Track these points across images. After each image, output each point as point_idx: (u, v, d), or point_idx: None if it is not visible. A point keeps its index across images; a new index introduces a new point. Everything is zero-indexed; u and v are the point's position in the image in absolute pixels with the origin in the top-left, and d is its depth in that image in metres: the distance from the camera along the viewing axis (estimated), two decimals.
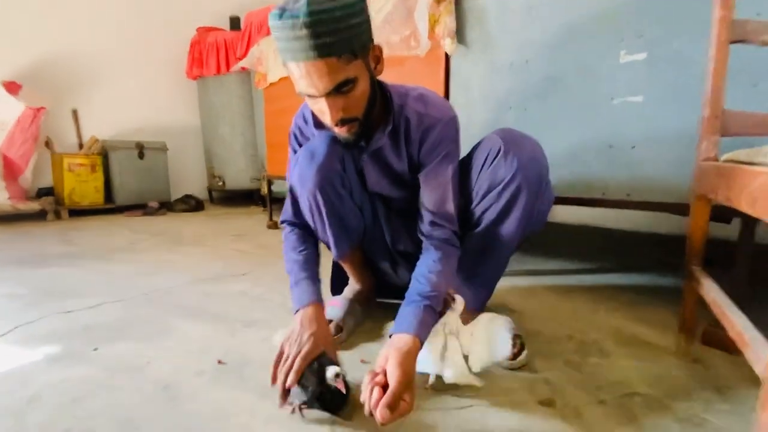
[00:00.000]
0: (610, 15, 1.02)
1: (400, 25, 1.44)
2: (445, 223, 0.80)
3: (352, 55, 0.64)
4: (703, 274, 0.74)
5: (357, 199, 0.88)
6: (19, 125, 2.64)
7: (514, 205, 0.78)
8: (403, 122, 0.79)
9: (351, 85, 0.66)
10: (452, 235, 0.81)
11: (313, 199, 0.82)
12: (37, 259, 1.67)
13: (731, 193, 0.56)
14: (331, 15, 0.59)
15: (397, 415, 0.56)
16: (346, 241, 0.90)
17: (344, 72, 0.64)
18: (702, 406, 0.68)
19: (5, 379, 0.76)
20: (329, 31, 0.60)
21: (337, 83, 0.64)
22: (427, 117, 0.78)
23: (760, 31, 0.72)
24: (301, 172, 0.81)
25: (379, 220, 0.95)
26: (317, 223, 0.86)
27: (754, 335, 0.49)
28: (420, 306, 0.70)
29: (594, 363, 0.82)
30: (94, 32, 3.21)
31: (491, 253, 0.86)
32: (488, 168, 0.79)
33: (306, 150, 0.81)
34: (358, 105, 0.70)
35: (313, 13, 0.58)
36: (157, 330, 0.98)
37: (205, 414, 0.66)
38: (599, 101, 1.06)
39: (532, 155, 0.77)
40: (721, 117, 0.73)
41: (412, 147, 0.81)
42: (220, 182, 3.49)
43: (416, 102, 0.79)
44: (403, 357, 0.61)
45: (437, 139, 0.79)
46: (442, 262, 0.76)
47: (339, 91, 0.65)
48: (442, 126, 0.78)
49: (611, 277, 1.40)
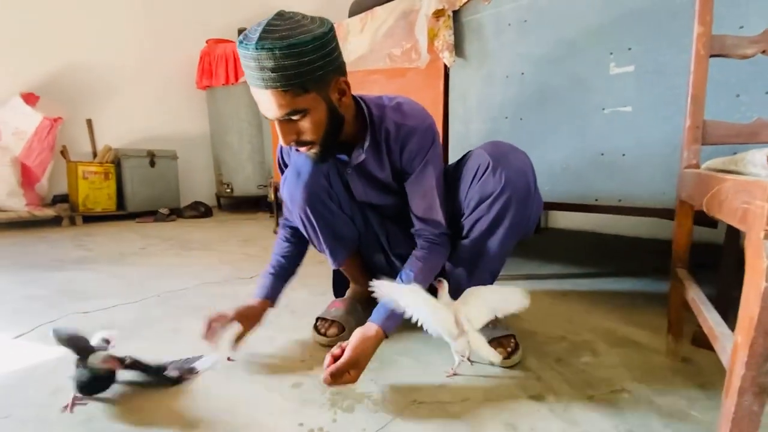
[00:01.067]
0: (600, 30, 1.07)
1: (401, 39, 1.50)
2: (432, 227, 0.85)
3: (301, 89, 0.66)
4: (687, 276, 0.78)
5: (347, 210, 0.93)
6: (36, 135, 2.74)
7: (504, 217, 0.80)
8: (383, 133, 0.82)
9: (300, 115, 0.69)
10: (440, 236, 0.86)
11: (305, 215, 0.88)
12: (54, 263, 1.74)
13: (705, 199, 0.60)
14: (278, 52, 0.62)
15: (339, 383, 0.68)
16: (341, 251, 0.95)
17: (293, 104, 0.67)
18: (687, 401, 0.71)
19: (30, 373, 0.82)
20: (275, 67, 0.63)
21: (284, 113, 0.68)
22: (404, 126, 0.81)
23: (738, 45, 0.77)
24: (290, 190, 0.87)
25: (372, 227, 0.99)
26: (312, 237, 0.92)
27: (723, 330, 0.53)
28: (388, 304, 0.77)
29: (585, 362, 0.86)
30: (108, 45, 3.34)
31: (483, 262, 0.88)
32: (477, 182, 0.81)
33: (292, 169, 0.87)
34: (311, 132, 0.72)
35: (260, 48, 0.61)
36: (170, 329, 1.04)
37: (216, 407, 0.71)
38: (591, 111, 1.11)
39: (519, 168, 0.79)
40: (701, 127, 0.77)
41: (393, 156, 0.84)
42: (228, 189, 3.57)
43: (394, 112, 0.82)
44: (360, 341, 0.72)
45: (416, 148, 0.82)
46: (423, 260, 0.82)
47: (288, 119, 0.70)
48: (420, 134, 0.81)
49: (606, 282, 1.43)
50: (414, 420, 0.67)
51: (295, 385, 0.77)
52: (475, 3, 1.33)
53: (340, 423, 0.66)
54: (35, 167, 2.79)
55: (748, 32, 0.83)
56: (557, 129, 1.18)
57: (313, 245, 0.96)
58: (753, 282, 0.41)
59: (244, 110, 3.39)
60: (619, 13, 1.04)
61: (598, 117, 1.09)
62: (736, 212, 0.46)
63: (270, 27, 0.63)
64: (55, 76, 3.12)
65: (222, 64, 3.37)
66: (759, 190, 0.41)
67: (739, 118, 0.89)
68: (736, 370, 0.43)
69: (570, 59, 1.14)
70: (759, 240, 0.40)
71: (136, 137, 3.48)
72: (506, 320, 1.01)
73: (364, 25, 1.64)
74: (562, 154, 1.18)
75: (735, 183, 0.48)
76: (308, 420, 0.67)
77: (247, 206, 3.86)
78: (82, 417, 0.68)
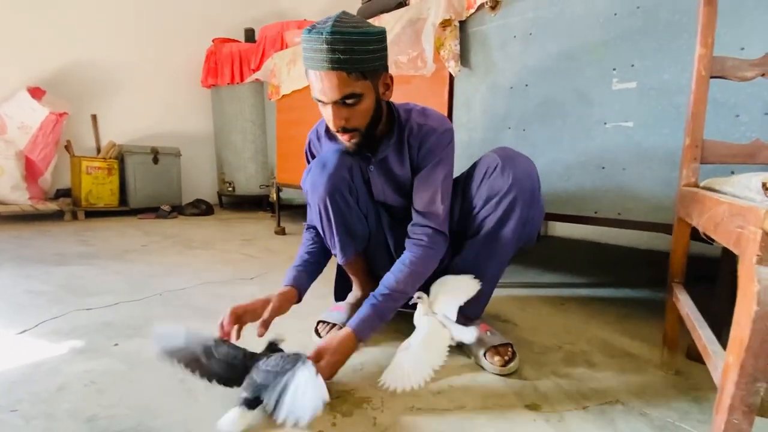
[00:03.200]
0: (604, 45, 1.09)
1: (408, 47, 1.52)
2: (429, 222, 0.87)
3: (360, 74, 0.75)
4: (683, 291, 0.79)
5: (363, 207, 0.96)
6: (42, 129, 2.76)
7: (511, 213, 0.87)
8: (408, 131, 0.90)
9: (355, 100, 0.77)
10: (434, 234, 0.87)
11: (323, 205, 0.91)
12: (57, 257, 1.76)
13: (701, 218, 0.62)
14: (350, 38, 0.72)
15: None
16: (351, 246, 0.97)
17: (351, 87, 0.75)
18: (678, 414, 0.73)
19: (35, 369, 0.83)
20: (344, 50, 0.72)
21: (343, 95, 0.75)
22: (425, 126, 0.89)
23: (738, 67, 0.78)
24: (313, 179, 0.90)
25: (383, 228, 1.02)
26: (325, 228, 0.95)
27: (715, 349, 0.55)
28: (368, 304, 0.83)
29: (581, 372, 0.87)
30: (114, 42, 3.36)
31: (491, 256, 0.93)
32: (487, 180, 0.88)
33: (318, 160, 0.92)
34: (360, 118, 0.80)
35: (335, 33, 0.71)
36: None
37: (217, 405, 0.72)
38: (593, 125, 1.12)
39: (525, 171, 0.86)
40: (701, 146, 0.79)
41: (412, 151, 0.90)
42: (230, 188, 3.58)
43: (419, 115, 0.91)
44: (330, 341, 0.79)
45: (432, 146, 0.88)
46: (410, 265, 0.85)
47: (344, 102, 0.76)
48: (438, 135, 0.89)
49: (604, 291, 1.44)
50: (411, 426, 0.68)
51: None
52: (482, 14, 1.35)
53: (339, 427, 0.67)
54: (39, 161, 2.80)
55: (749, 53, 0.85)
56: (559, 141, 1.20)
57: (323, 237, 0.98)
58: (744, 305, 0.42)
59: (249, 110, 3.41)
60: (622, 30, 1.05)
61: (600, 131, 1.11)
62: (731, 235, 0.48)
63: (342, 18, 0.73)
64: (62, 72, 3.13)
65: (228, 64, 3.39)
66: (753, 216, 0.42)
67: (739, 137, 0.90)
68: (727, 389, 0.45)
69: (573, 73, 1.15)
70: (751, 265, 0.41)
71: (140, 134, 3.50)
72: (504, 329, 1.03)
73: None
74: (564, 166, 1.19)
75: (731, 207, 0.49)
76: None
77: (248, 205, 3.87)
78: (88, 414, 0.69)
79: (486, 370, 0.87)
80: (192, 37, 3.70)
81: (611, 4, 1.07)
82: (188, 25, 3.72)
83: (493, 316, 1.17)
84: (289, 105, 2.35)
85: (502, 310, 1.21)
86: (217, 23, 3.81)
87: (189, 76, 3.76)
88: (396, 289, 0.83)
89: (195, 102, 3.83)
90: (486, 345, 0.89)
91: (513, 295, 1.36)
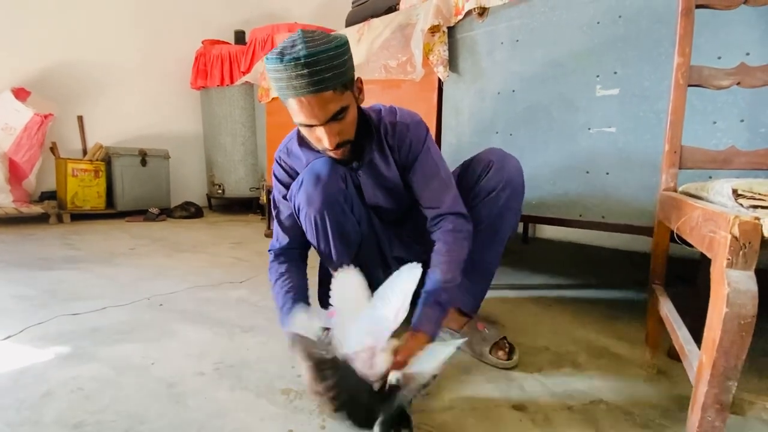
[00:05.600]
0: (588, 53, 1.12)
1: (397, 52, 1.53)
2: (447, 209, 0.89)
3: (343, 87, 0.75)
4: (663, 292, 0.82)
5: (356, 213, 0.96)
6: (26, 131, 2.71)
7: (508, 207, 0.95)
8: (383, 131, 0.91)
9: (344, 113, 0.77)
10: (455, 218, 0.88)
11: (320, 217, 0.89)
12: (42, 262, 1.73)
13: (678, 222, 0.64)
14: (326, 54, 0.70)
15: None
16: (346, 254, 0.97)
17: (339, 102, 0.74)
18: (660, 412, 0.75)
19: (20, 376, 0.82)
20: (326, 68, 0.70)
21: (333, 112, 0.74)
22: (398, 124, 0.91)
23: (714, 76, 0.81)
24: (308, 192, 0.88)
25: (375, 230, 1.02)
26: (321, 239, 0.94)
27: (691, 348, 0.57)
28: (429, 303, 0.78)
29: (567, 372, 0.89)
30: (101, 42, 3.31)
31: (491, 248, 0.98)
32: (484, 177, 0.94)
33: (310, 173, 0.89)
34: (349, 129, 0.81)
35: (312, 54, 0.69)
36: (160, 333, 1.05)
37: (206, 411, 0.72)
38: (577, 130, 1.15)
39: (517, 168, 0.95)
40: (679, 152, 0.82)
41: (395, 153, 0.92)
42: (219, 190, 3.56)
43: (388, 114, 0.92)
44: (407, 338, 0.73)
45: (412, 141, 0.90)
46: (447, 254, 0.84)
47: (335, 119, 0.76)
48: (413, 129, 0.91)
49: (590, 293, 1.47)
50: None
51: (285, 391, 0.79)
52: (470, 21, 1.37)
53: (328, 430, 0.68)
54: (23, 163, 2.75)
55: (725, 62, 0.88)
56: (545, 145, 1.22)
57: (317, 247, 0.96)
58: (716, 307, 0.45)
59: (239, 112, 3.39)
60: (606, 39, 1.08)
61: (584, 136, 1.14)
62: (704, 239, 0.50)
63: (309, 37, 0.71)
64: (48, 72, 3.08)
65: (217, 65, 3.37)
66: (723, 221, 0.44)
67: (716, 144, 0.93)
68: (700, 387, 0.47)
69: (559, 79, 1.18)
70: (722, 268, 0.44)
71: (128, 136, 3.45)
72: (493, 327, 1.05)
73: (361, 36, 1.66)
74: (549, 170, 1.22)
75: (704, 212, 0.52)
76: (297, 426, 0.69)
77: (238, 208, 3.85)
78: (75, 421, 0.69)
79: (493, 366, 0.91)
80: (181, 38, 3.67)
81: (594, 13, 1.10)
82: (177, 25, 3.69)
83: (483, 317, 1.18)
84: (279, 107, 2.34)
85: (491, 312, 1.23)
86: (206, 24, 3.78)
87: (178, 77, 3.72)
88: (446, 280, 0.81)
89: (184, 104, 3.79)
90: (489, 342, 0.93)
91: (501, 296, 1.38)
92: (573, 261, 2.04)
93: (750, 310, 0.42)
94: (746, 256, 0.42)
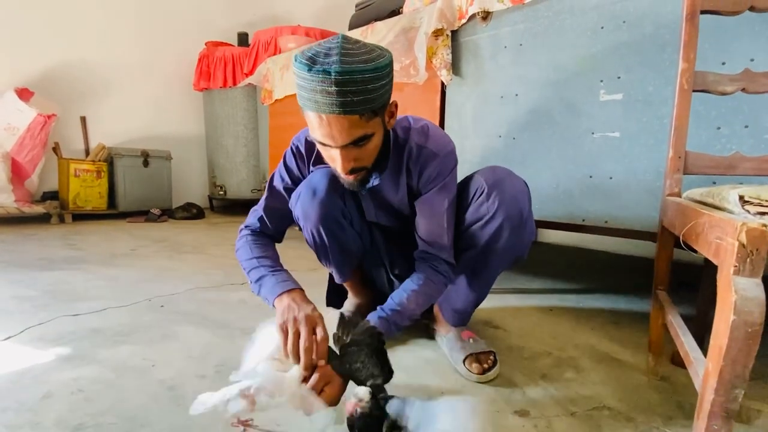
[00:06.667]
0: (592, 58, 1.12)
1: (401, 54, 1.53)
2: (437, 252, 0.85)
3: (372, 113, 0.66)
4: (666, 298, 0.81)
5: (357, 227, 0.93)
6: (29, 131, 2.71)
7: (498, 238, 0.84)
8: (406, 153, 0.82)
9: (367, 141, 0.68)
10: (442, 264, 0.85)
11: (317, 233, 0.88)
12: (43, 262, 1.73)
13: (683, 228, 0.64)
14: (362, 76, 0.60)
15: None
16: (347, 266, 0.97)
17: (363, 129, 0.66)
18: (663, 419, 0.74)
19: (21, 377, 0.82)
20: (357, 91, 0.61)
21: (354, 138, 0.66)
22: (426, 149, 0.81)
23: (719, 82, 0.81)
24: (304, 208, 0.85)
25: (377, 245, 1.00)
26: (320, 253, 0.93)
27: (696, 356, 0.56)
28: (377, 317, 0.76)
29: (569, 378, 0.89)
30: (105, 43, 3.33)
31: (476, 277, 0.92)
32: (474, 203, 0.84)
33: (307, 186, 0.84)
34: (369, 157, 0.73)
35: (345, 73, 0.59)
36: (161, 335, 1.04)
37: (207, 414, 0.72)
38: (581, 135, 1.15)
39: (512, 195, 0.82)
40: (684, 157, 0.81)
41: (411, 179, 0.84)
42: (221, 191, 3.56)
43: (419, 135, 0.82)
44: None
45: (435, 173, 0.82)
46: (420, 285, 0.81)
47: (355, 144, 0.68)
48: (440, 159, 0.82)
49: (592, 298, 1.46)
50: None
51: None
52: (473, 24, 1.37)
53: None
54: (26, 163, 2.76)
55: (730, 68, 0.88)
56: (548, 150, 1.22)
57: (318, 259, 0.96)
58: (723, 314, 0.44)
59: (241, 114, 3.40)
60: (610, 43, 1.08)
61: (588, 141, 1.14)
62: (711, 246, 0.50)
63: (347, 49, 0.62)
64: (51, 73, 3.09)
65: (220, 67, 3.37)
66: (731, 228, 0.44)
67: (720, 149, 0.93)
68: (707, 395, 0.46)
69: (562, 84, 1.18)
70: (729, 275, 0.43)
71: (130, 136, 3.46)
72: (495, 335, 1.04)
73: (365, 39, 1.67)
74: (552, 174, 1.22)
75: (710, 218, 0.51)
76: (298, 426, 0.68)
77: (239, 209, 3.85)
78: (75, 423, 0.68)
79: (464, 377, 0.87)
80: (184, 40, 3.68)
81: (598, 18, 1.10)
82: (181, 27, 3.70)
83: (485, 322, 1.18)
84: (281, 109, 2.35)
85: (494, 317, 1.23)
86: (210, 26, 3.80)
87: (181, 78, 3.73)
88: (406, 307, 0.79)
89: (186, 105, 3.80)
90: (466, 352, 0.89)
91: (504, 301, 1.38)
92: (575, 265, 2.04)
93: (757, 318, 0.42)
94: (753, 263, 0.42)
